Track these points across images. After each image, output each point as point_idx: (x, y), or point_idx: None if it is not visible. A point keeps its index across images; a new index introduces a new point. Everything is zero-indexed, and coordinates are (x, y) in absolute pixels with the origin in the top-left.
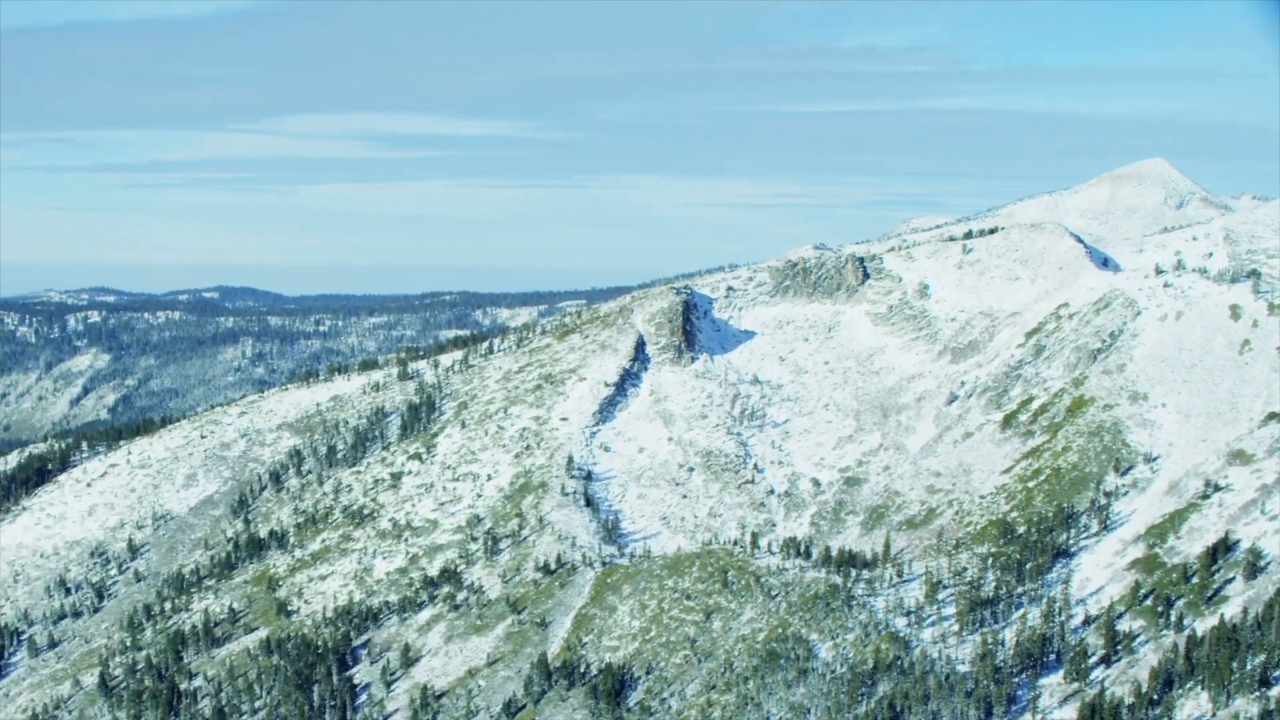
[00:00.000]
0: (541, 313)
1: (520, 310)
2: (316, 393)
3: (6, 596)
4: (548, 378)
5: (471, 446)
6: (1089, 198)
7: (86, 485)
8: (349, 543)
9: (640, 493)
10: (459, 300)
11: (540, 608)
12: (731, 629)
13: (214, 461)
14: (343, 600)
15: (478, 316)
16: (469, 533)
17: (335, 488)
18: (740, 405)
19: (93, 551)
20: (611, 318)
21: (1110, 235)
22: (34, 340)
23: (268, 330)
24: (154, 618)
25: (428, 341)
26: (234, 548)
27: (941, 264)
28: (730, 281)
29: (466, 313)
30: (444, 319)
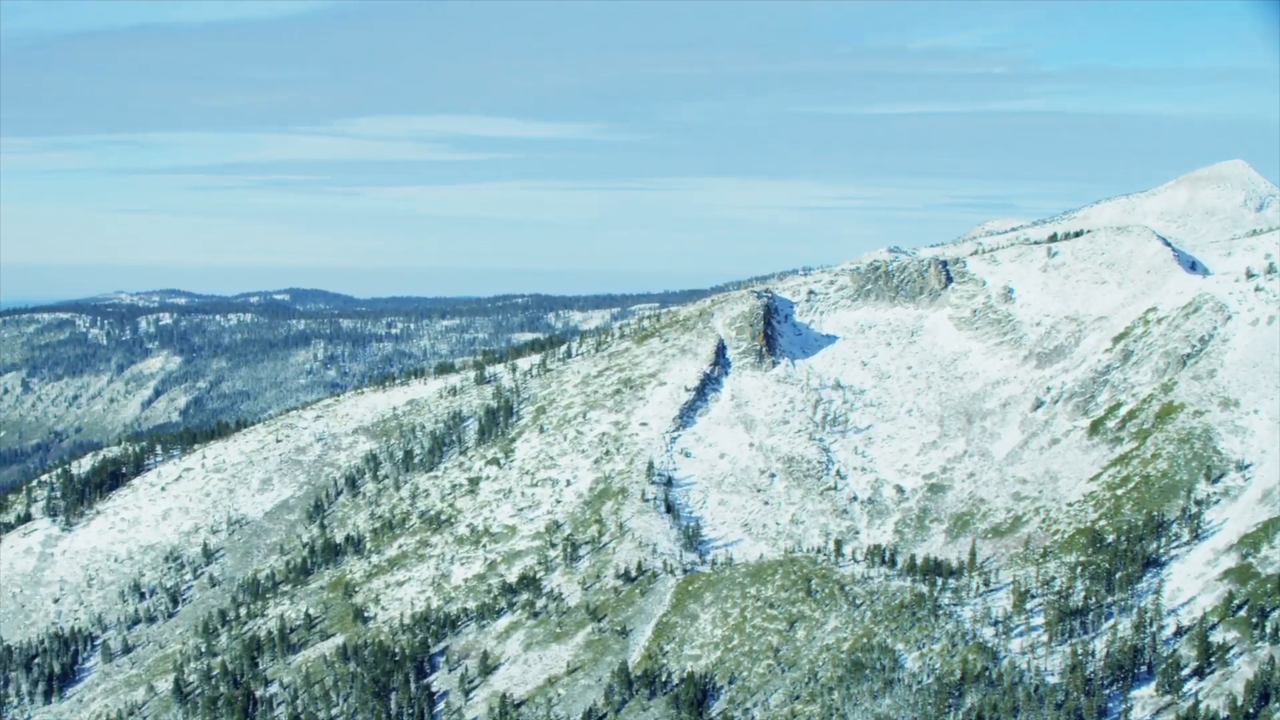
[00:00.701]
0: (614, 315)
1: (592, 313)
2: (393, 396)
3: (80, 601)
4: (627, 382)
5: (550, 451)
6: (1167, 200)
7: (161, 489)
8: (426, 548)
9: (721, 499)
10: (531, 303)
11: (621, 615)
12: (815, 638)
13: (289, 466)
14: (420, 607)
15: (550, 319)
16: (548, 539)
17: (412, 493)
18: (822, 410)
19: (167, 556)
20: (691, 321)
21: (1189, 238)
22: (105, 342)
23: (339, 333)
24: (229, 623)
25: (500, 344)
26: (310, 553)
27: (1026, 267)
28: (811, 285)
29: (539, 315)
30: (516, 322)
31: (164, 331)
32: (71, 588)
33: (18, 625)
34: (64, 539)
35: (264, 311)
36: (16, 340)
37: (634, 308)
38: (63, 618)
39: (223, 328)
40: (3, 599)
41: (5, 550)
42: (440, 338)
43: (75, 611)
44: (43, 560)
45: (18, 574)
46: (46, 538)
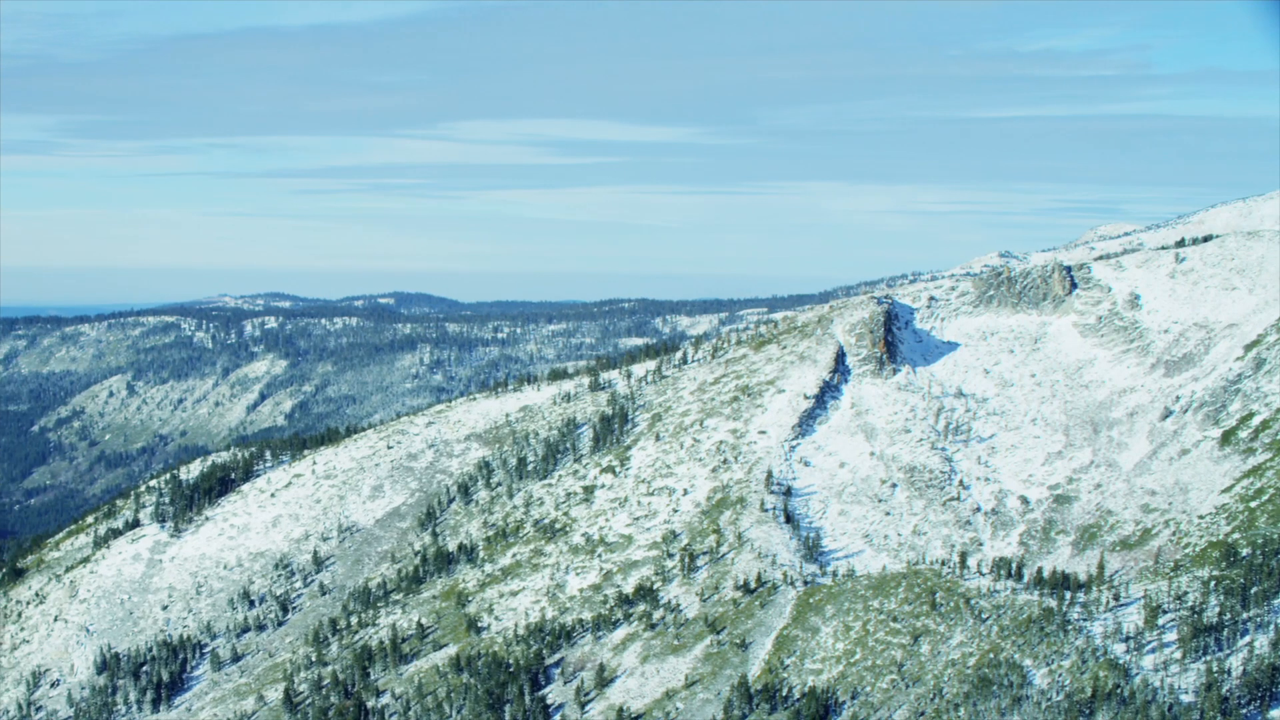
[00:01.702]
0: (722, 320)
1: (700, 318)
2: (505, 403)
3: (189, 608)
4: (745, 389)
5: (666, 460)
6: None
7: (270, 495)
8: (540, 558)
9: (841, 509)
10: (638, 307)
11: (740, 628)
12: (940, 653)
13: (401, 473)
14: (535, 617)
15: (657, 324)
16: (665, 549)
17: (526, 501)
18: (944, 419)
19: (277, 563)
20: (810, 328)
21: None
22: (211, 346)
23: (445, 337)
24: (339, 632)
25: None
26: (421, 561)
27: (1153, 273)
28: (932, 291)
29: (646, 320)
30: (623, 326)
31: (269, 335)
32: (180, 595)
33: (126, 632)
34: (173, 545)
35: (369, 315)
36: (122, 343)
37: (741, 313)
38: (171, 625)
39: (328, 331)
40: (111, 606)
41: (114, 557)
42: (547, 342)
43: (184, 619)
44: (151, 567)
45: (126, 580)
46: (155, 544)
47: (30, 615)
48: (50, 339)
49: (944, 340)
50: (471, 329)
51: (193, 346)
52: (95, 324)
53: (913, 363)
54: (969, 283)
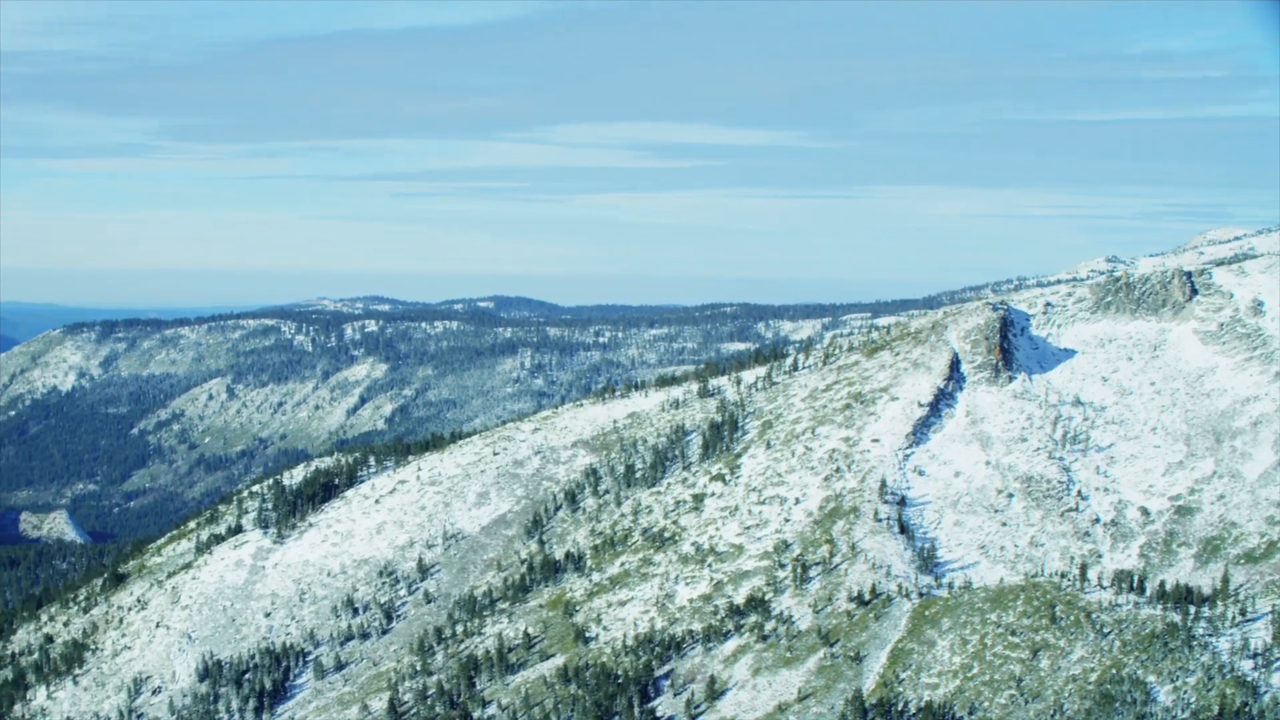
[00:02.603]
0: (824, 325)
1: (803, 323)
2: (613, 409)
3: (292, 616)
4: (857, 396)
5: (777, 468)
6: None
7: (375, 502)
8: (649, 567)
9: (957, 520)
10: (740, 312)
11: (854, 640)
12: (1061, 668)
13: (507, 479)
14: (644, 627)
15: (759, 329)
16: (777, 559)
17: (634, 509)
18: (1061, 428)
19: (381, 571)
20: (923, 334)
21: None
22: (311, 349)
23: (546, 341)
24: (445, 641)
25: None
26: (528, 570)
27: (1277, 279)
28: (1048, 297)
29: (748, 325)
30: (725, 331)
31: (369, 338)
32: (283, 602)
33: (228, 639)
34: (276, 552)
35: (469, 319)
36: (222, 346)
37: (845, 317)
38: (274, 632)
39: (428, 335)
40: (214, 612)
41: (216, 563)
42: (648, 347)
43: (287, 626)
44: (254, 573)
45: (229, 587)
46: (258, 550)
47: (132, 621)
48: (150, 342)
49: (1061, 347)
50: (572, 333)
51: (292, 349)
52: (195, 327)
53: (1029, 370)
54: (1086, 289)
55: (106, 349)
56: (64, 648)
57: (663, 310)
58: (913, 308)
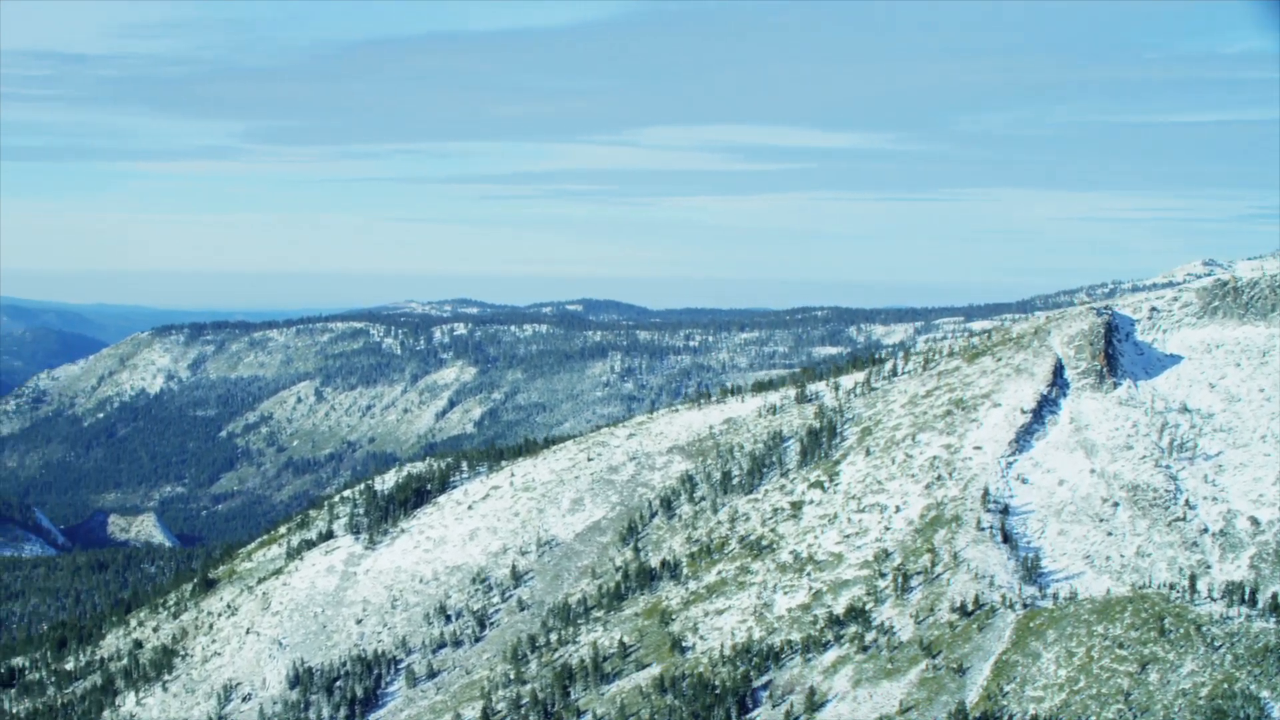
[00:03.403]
0: (917, 330)
1: (895, 327)
2: (708, 415)
3: (384, 623)
4: (958, 403)
5: (877, 475)
6: None
7: (468, 508)
8: (747, 575)
9: (1060, 529)
10: (831, 316)
11: (957, 652)
12: (1170, 682)
13: (601, 485)
14: (741, 637)
15: (851, 333)
16: (877, 568)
17: (731, 516)
18: (1168, 435)
19: (474, 578)
20: (1025, 339)
21: None
22: (399, 352)
23: (636, 345)
24: (539, 649)
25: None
26: (623, 577)
27: None
28: (1153, 302)
29: (839, 329)
30: (816, 335)
31: (458, 341)
32: (375, 609)
33: (319, 646)
34: (367, 558)
35: (558, 322)
36: (310, 349)
37: (937, 321)
38: (365, 640)
39: (517, 338)
40: (305, 619)
41: (307, 568)
42: (739, 351)
43: (378, 633)
44: (345, 579)
45: (319, 593)
46: (349, 556)
47: (222, 627)
48: (238, 344)
49: (1166, 353)
50: (662, 337)
51: (381, 353)
52: (283, 329)
53: (1134, 376)
54: (1192, 293)
55: (195, 351)
56: (153, 653)
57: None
58: (1006, 312)
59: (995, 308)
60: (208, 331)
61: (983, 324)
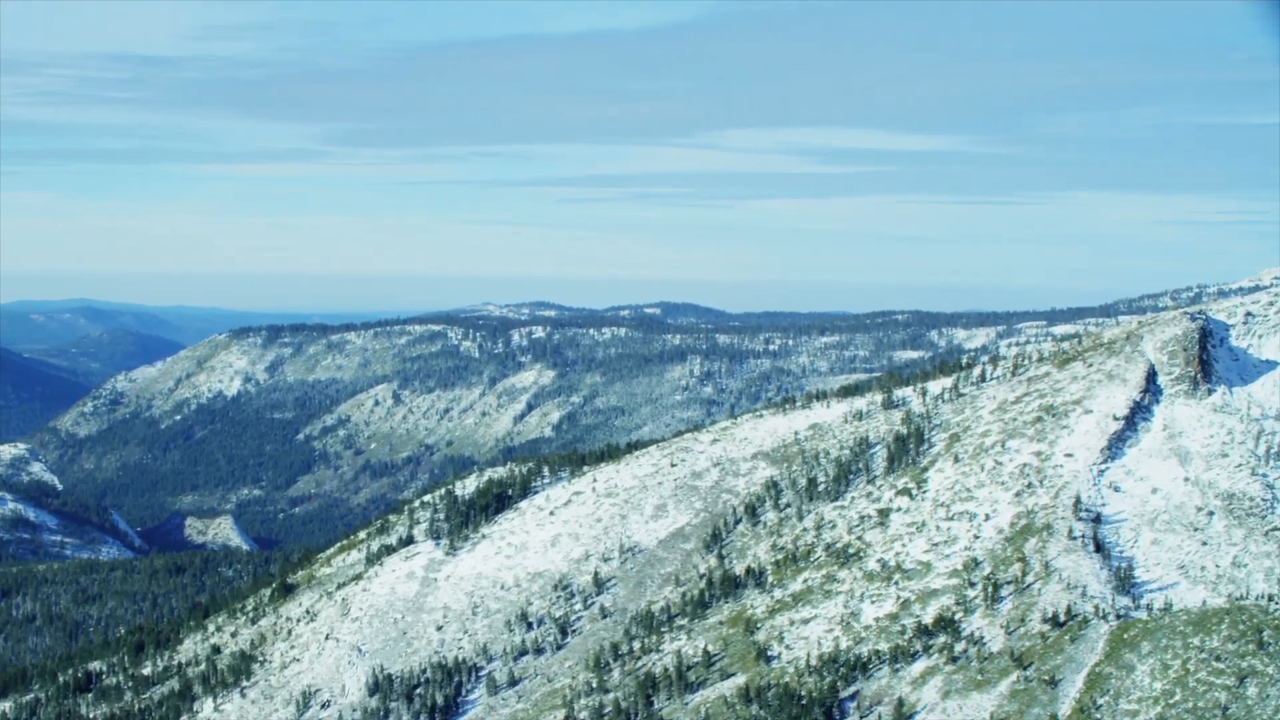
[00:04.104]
0: (999, 334)
1: (976, 331)
2: (793, 420)
3: (465, 629)
4: (1049, 409)
5: (966, 483)
6: None
7: (549, 513)
8: (833, 584)
9: (1154, 538)
10: (912, 320)
11: (1049, 664)
12: (1270, 696)
13: (685, 491)
14: (828, 647)
15: (932, 337)
16: (966, 577)
17: (816, 523)
18: (1265, 443)
19: (556, 584)
20: (1117, 345)
21: None
22: (477, 355)
23: (715, 348)
24: (621, 658)
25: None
26: (707, 585)
27: None
28: (1249, 306)
29: (920, 333)
30: (897, 339)
31: (536, 345)
32: (455, 615)
33: (399, 653)
34: (448, 564)
35: (637, 325)
36: (388, 351)
37: (1019, 325)
38: (446, 646)
39: (595, 341)
40: (384, 625)
41: (387, 574)
42: (819, 355)
43: (459, 640)
44: (426, 585)
45: (399, 599)
46: (430, 562)
47: (301, 633)
48: (316, 347)
49: (1262, 359)
50: (741, 340)
51: (459, 355)
52: (361, 332)
53: (1229, 383)
54: None
55: (272, 354)
56: (232, 659)
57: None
58: (1088, 316)
59: (1077, 312)
60: (285, 334)
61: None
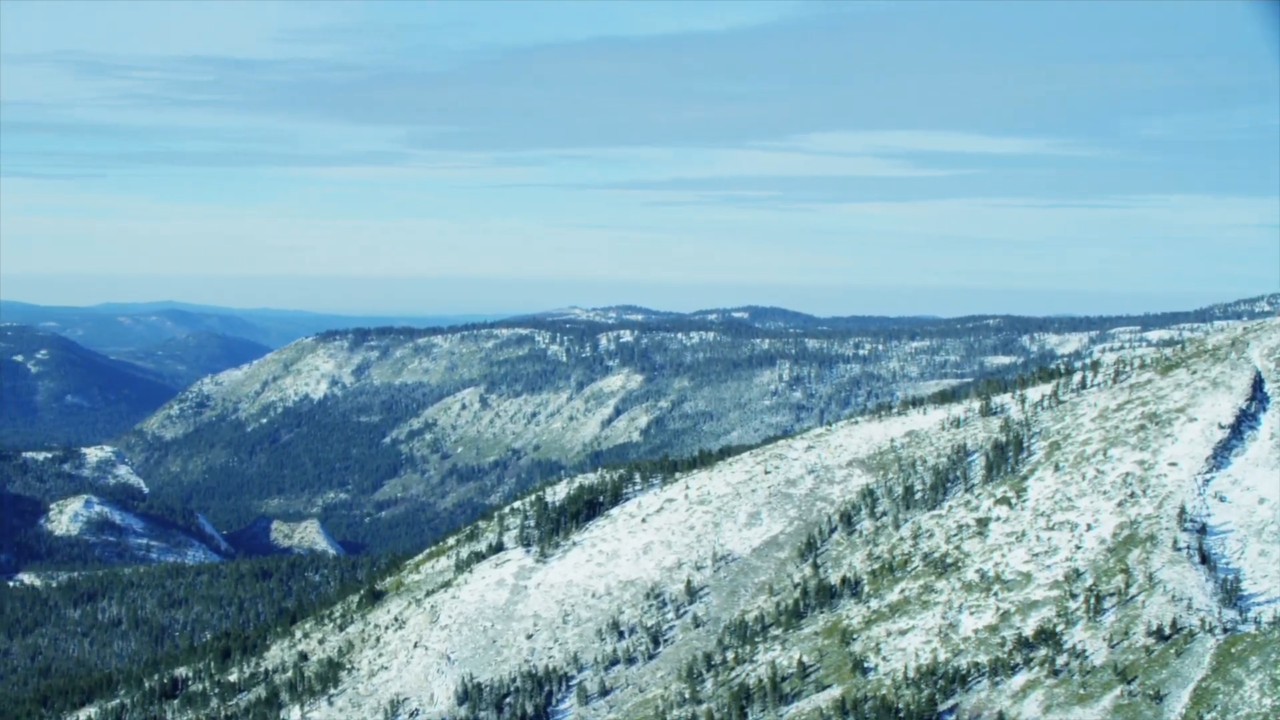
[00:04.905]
0: (1092, 339)
1: (1069, 336)
2: (889, 427)
3: (555, 638)
4: (1152, 417)
5: (1066, 492)
6: None
7: (641, 521)
8: (931, 594)
9: (1261, 549)
10: (1003, 324)
11: (1153, 678)
12: None
13: (779, 499)
14: (925, 659)
15: (1024, 342)
16: (1067, 589)
17: (913, 532)
18: None
19: (647, 593)
20: (1221, 351)
21: None
22: (565, 359)
23: (804, 353)
24: (714, 668)
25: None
26: (801, 594)
27: None
28: None
29: (1012, 338)
30: (988, 344)
31: (624, 349)
32: (546, 623)
33: (489, 661)
34: (539, 571)
35: (725, 330)
36: (475, 355)
37: (1112, 331)
38: (536, 655)
39: (684, 346)
40: (474, 633)
41: (477, 581)
42: (909, 360)
43: (549, 649)
44: (516, 593)
45: (489, 607)
46: (520, 569)
47: (389, 640)
48: (403, 350)
49: None
50: (830, 345)
51: (546, 359)
52: (448, 335)
53: None
54: None
55: (359, 357)
56: (319, 666)
57: (921, 321)
58: (1183, 321)
59: (1172, 317)
60: (372, 337)
61: (1159, 333)
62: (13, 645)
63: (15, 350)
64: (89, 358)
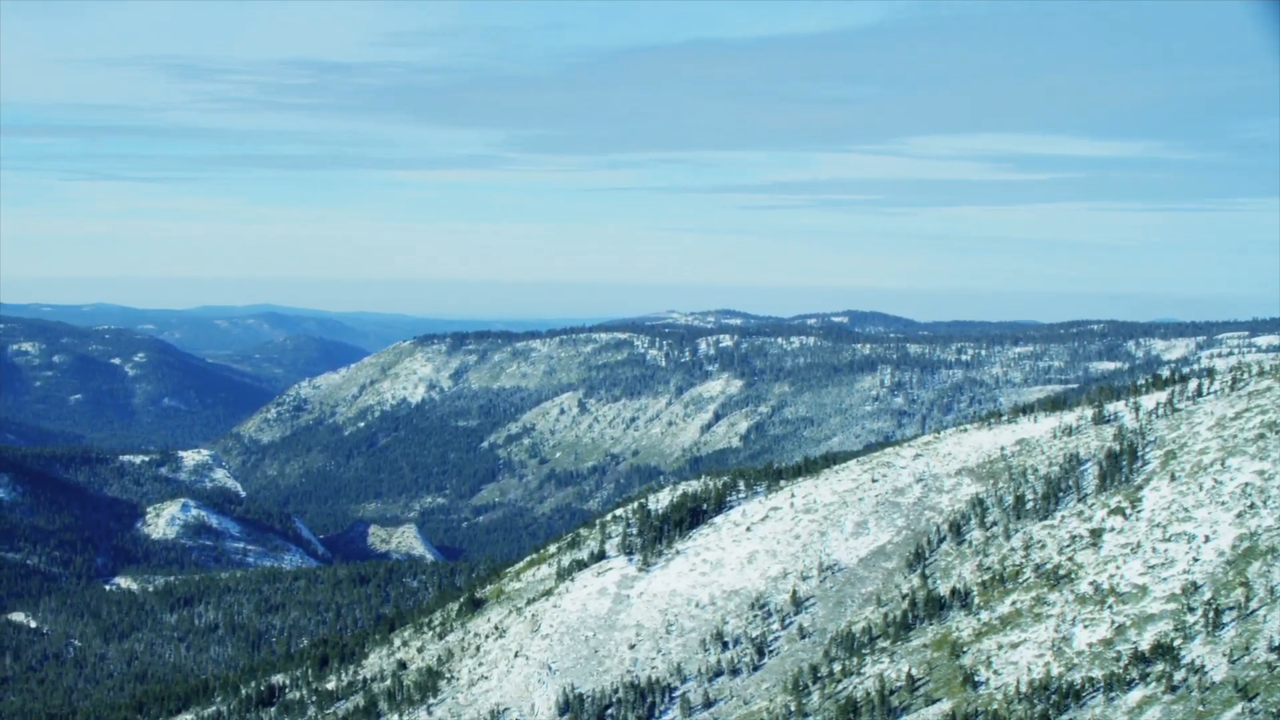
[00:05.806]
0: (1199, 344)
1: (1175, 342)
2: (999, 435)
3: (658, 648)
4: (1271, 426)
5: (1183, 502)
6: None
7: (746, 529)
8: (1043, 607)
9: None
10: (1108, 330)
11: (1276, 695)
12: None
13: (886, 508)
14: (1038, 673)
15: (1129, 348)
16: (1185, 602)
17: (1025, 543)
18: None
19: (752, 603)
20: None
21: None
22: (664, 364)
23: (906, 358)
24: (820, 680)
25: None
26: (910, 606)
27: None
28: None
29: (1117, 343)
30: (1093, 350)
31: (723, 354)
32: (649, 634)
33: (590, 672)
34: (641, 580)
35: (825, 334)
36: (573, 360)
37: (1220, 336)
38: (638, 665)
39: (784, 351)
40: (575, 643)
41: (578, 590)
42: (1012, 365)
43: (652, 659)
44: (618, 602)
45: (591, 616)
46: (622, 578)
47: (489, 650)
48: (501, 354)
49: None
50: (932, 350)
51: (645, 364)
52: (546, 340)
53: None
54: None
55: (456, 361)
56: (418, 675)
57: (1023, 326)
58: None
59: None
60: (469, 341)
61: (1268, 338)
62: (109, 650)
63: (113, 353)
64: (186, 361)
